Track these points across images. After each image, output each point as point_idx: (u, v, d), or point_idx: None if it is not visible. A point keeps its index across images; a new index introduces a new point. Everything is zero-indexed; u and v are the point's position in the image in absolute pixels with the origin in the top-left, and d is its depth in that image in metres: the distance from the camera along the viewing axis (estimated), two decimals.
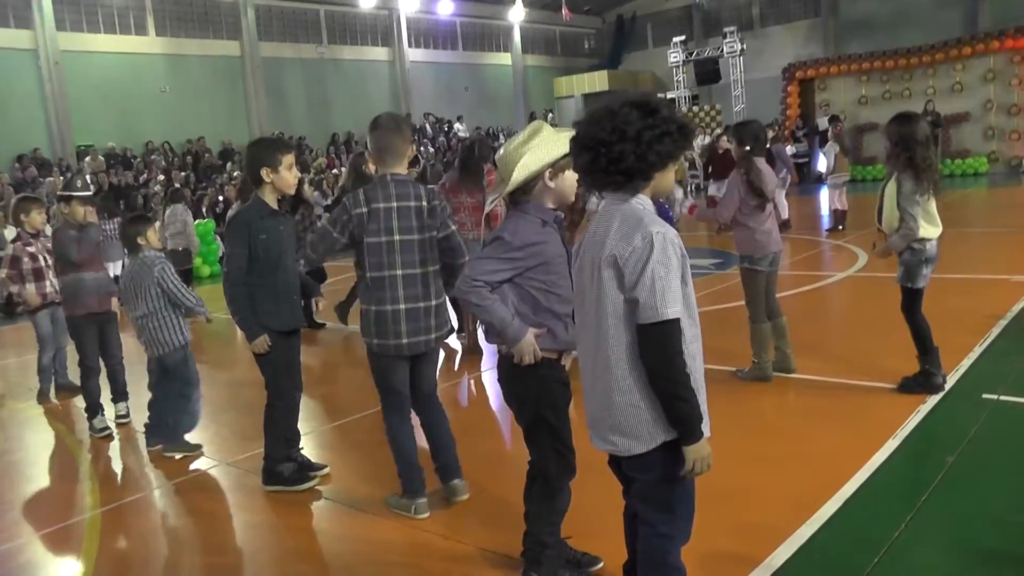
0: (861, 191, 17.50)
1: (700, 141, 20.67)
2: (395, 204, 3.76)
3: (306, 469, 4.67)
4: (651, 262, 2.22)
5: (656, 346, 2.25)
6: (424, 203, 3.83)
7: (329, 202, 15.03)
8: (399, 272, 3.77)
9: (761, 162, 5.61)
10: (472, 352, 7.35)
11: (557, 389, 3.05)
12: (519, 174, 2.91)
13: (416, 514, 3.96)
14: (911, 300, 5.14)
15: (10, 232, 10.09)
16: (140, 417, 5.84)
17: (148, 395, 5.62)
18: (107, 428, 6.01)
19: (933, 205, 4.99)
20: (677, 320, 2.24)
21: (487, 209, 3.32)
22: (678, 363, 2.25)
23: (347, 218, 3.76)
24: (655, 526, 2.45)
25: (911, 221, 4.86)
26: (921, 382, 5.09)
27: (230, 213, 10.48)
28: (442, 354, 7.14)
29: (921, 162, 4.82)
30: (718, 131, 19.75)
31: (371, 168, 7.17)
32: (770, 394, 5.45)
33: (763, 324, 5.63)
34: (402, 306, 3.78)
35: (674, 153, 2.34)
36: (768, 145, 14.18)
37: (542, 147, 2.92)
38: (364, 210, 3.74)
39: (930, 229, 4.97)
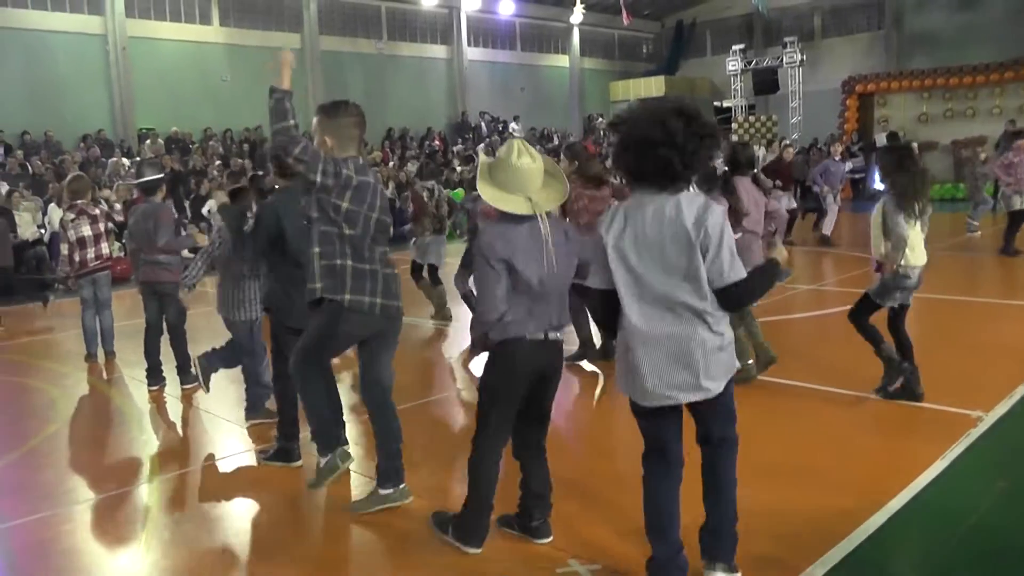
0: None
1: (761, 153, 20.11)
2: None
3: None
4: None
5: None
6: None
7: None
8: None
9: (744, 183, 5.88)
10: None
11: None
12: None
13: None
14: (865, 310, 5.40)
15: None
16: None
17: None
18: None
19: (917, 234, 5.18)
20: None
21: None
22: None
23: None
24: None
25: (900, 231, 5.08)
26: (892, 379, 5.34)
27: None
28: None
29: (902, 189, 5.10)
30: (786, 142, 18.65)
31: None
32: (823, 409, 5.43)
33: (738, 331, 5.78)
34: None
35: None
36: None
37: None
38: None
39: (912, 257, 5.16)
